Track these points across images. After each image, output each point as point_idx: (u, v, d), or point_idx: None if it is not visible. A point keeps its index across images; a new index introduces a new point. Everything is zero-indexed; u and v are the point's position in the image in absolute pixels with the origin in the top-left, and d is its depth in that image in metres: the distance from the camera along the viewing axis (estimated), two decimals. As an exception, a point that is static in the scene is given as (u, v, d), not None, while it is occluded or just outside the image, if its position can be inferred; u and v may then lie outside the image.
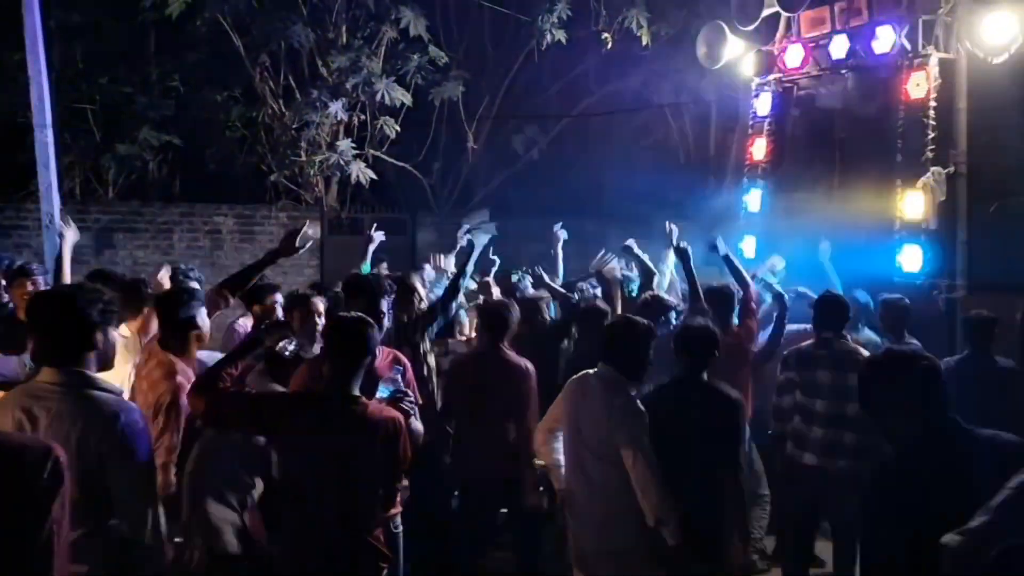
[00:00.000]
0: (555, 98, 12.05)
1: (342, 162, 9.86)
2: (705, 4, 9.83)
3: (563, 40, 10.37)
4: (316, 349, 4.30)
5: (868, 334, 6.18)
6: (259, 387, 3.80)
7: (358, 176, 10.03)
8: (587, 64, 11.49)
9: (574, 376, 4.19)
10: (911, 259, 7.12)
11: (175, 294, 4.31)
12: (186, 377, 3.83)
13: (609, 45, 10.56)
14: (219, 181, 11.24)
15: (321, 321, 4.82)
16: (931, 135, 7.09)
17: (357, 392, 3.37)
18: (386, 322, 4.64)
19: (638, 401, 3.94)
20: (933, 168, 7.07)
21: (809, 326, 5.36)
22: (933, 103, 7.08)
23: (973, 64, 7.03)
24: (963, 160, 7.08)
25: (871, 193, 7.54)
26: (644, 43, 10.45)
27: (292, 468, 3.36)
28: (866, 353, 4.85)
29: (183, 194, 11.38)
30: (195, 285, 5.15)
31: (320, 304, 4.98)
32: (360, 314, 3.63)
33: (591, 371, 4.09)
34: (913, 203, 7.13)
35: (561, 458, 4.18)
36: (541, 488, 4.81)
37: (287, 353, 3.68)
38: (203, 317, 4.10)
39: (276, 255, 4.87)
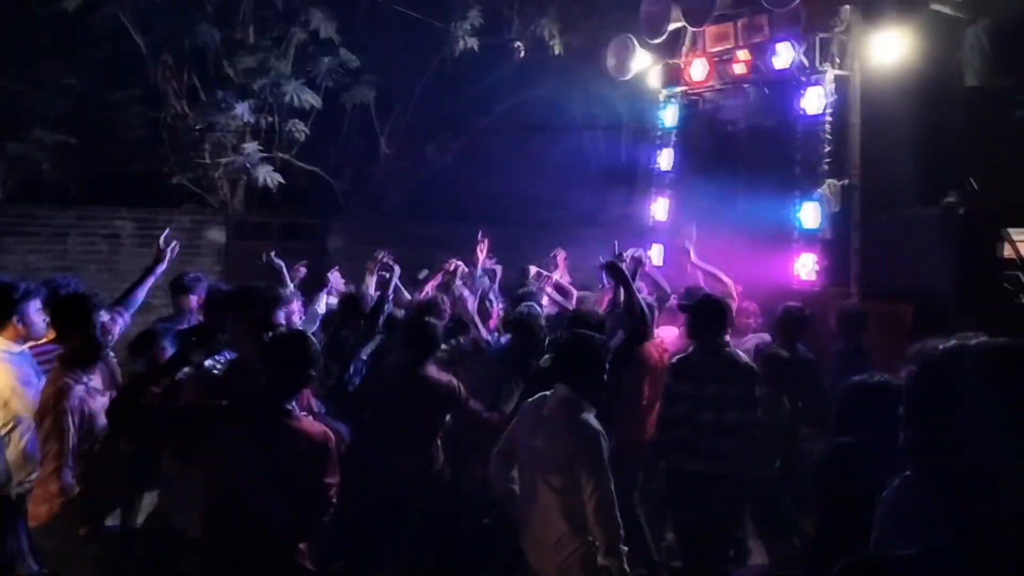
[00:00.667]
0: (468, 104, 12.06)
1: (248, 165, 9.61)
2: (615, 16, 9.99)
3: (476, 48, 10.38)
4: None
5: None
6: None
7: (265, 180, 9.79)
8: (500, 72, 11.54)
9: (530, 399, 4.03)
10: (807, 267, 7.39)
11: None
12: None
13: (522, 54, 10.64)
14: (118, 183, 10.81)
15: None
16: (827, 148, 7.38)
17: (291, 406, 3.33)
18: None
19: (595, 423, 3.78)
20: (829, 180, 7.36)
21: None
22: (829, 117, 7.37)
23: (865, 80, 7.35)
24: (856, 172, 7.38)
25: (771, 203, 7.78)
26: (556, 52, 10.56)
27: (220, 481, 3.27)
28: (746, 359, 4.98)
29: (79, 196, 10.89)
30: None
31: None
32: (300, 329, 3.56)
33: (547, 393, 3.92)
34: (810, 213, 7.40)
35: (516, 487, 4.00)
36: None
37: (215, 371, 3.60)
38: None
39: (151, 269, 4.76)
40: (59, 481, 3.74)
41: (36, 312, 4.29)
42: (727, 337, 5.00)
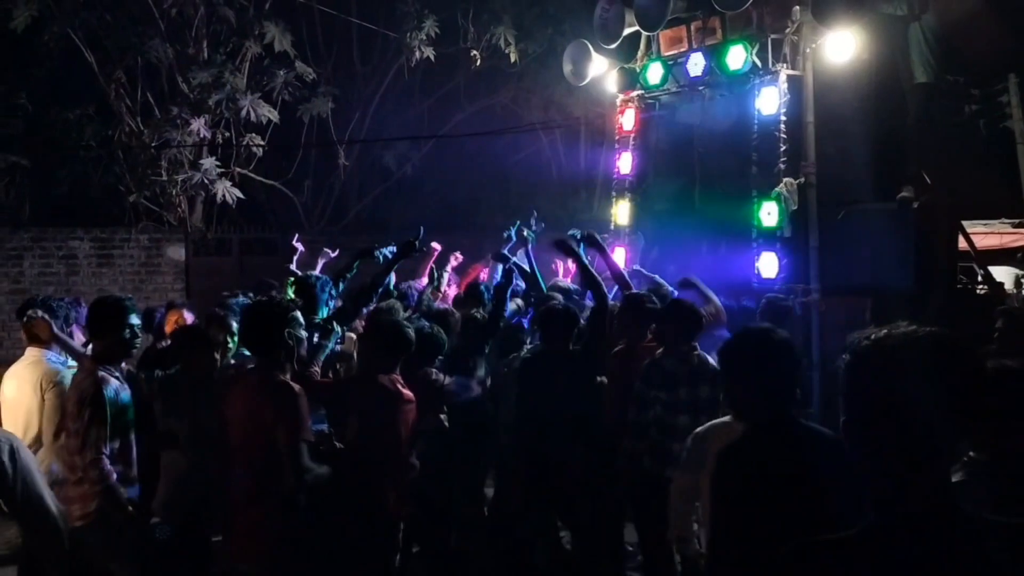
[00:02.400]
0: (426, 114, 12.05)
1: (206, 181, 9.50)
2: (570, 23, 10.06)
3: (432, 57, 10.37)
4: None
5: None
6: None
7: (224, 195, 9.68)
8: (458, 80, 11.55)
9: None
10: (768, 266, 7.46)
11: None
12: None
13: (478, 63, 10.65)
14: (73, 203, 10.64)
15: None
16: (783, 148, 7.46)
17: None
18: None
19: None
20: (785, 179, 7.42)
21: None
22: (783, 117, 7.46)
23: (819, 79, 7.45)
24: (812, 171, 7.45)
25: (730, 204, 7.85)
26: (512, 60, 10.58)
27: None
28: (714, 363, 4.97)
29: (34, 218, 10.70)
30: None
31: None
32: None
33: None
34: (768, 213, 7.47)
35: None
36: None
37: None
38: None
39: None
40: (99, 469, 3.81)
41: None
42: None
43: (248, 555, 3.73)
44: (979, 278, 8.38)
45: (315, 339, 4.60)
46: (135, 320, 4.16)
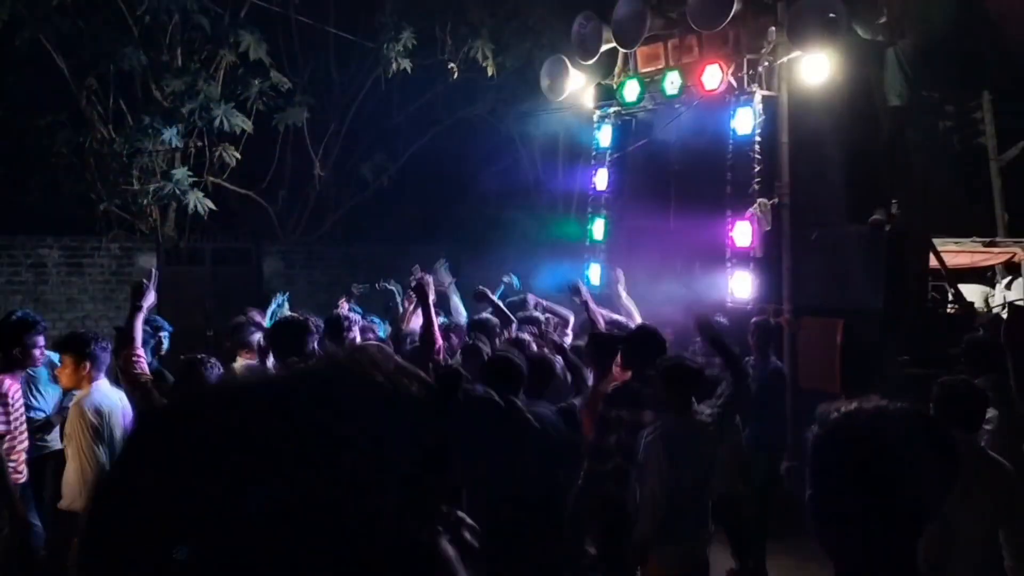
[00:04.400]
0: (403, 125, 11.98)
1: (177, 192, 9.38)
2: (549, 37, 10.06)
3: (409, 69, 10.33)
4: None
5: None
6: None
7: (196, 206, 9.57)
8: (435, 92, 11.52)
9: None
10: (741, 285, 7.49)
11: None
12: None
13: (455, 75, 10.62)
14: (43, 210, 10.46)
15: None
16: (757, 168, 7.50)
17: None
18: None
19: None
20: (759, 199, 7.46)
21: None
22: (758, 138, 7.50)
23: (793, 101, 7.49)
24: (786, 191, 7.49)
25: (704, 223, 7.88)
26: (490, 74, 10.56)
27: None
28: None
29: (2, 225, 10.49)
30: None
31: None
32: None
33: None
34: (742, 232, 7.51)
35: None
36: None
37: None
38: None
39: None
40: None
41: None
42: None
43: None
44: (950, 297, 8.46)
45: None
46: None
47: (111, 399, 4.65)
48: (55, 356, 5.33)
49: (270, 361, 4.88)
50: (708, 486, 4.38)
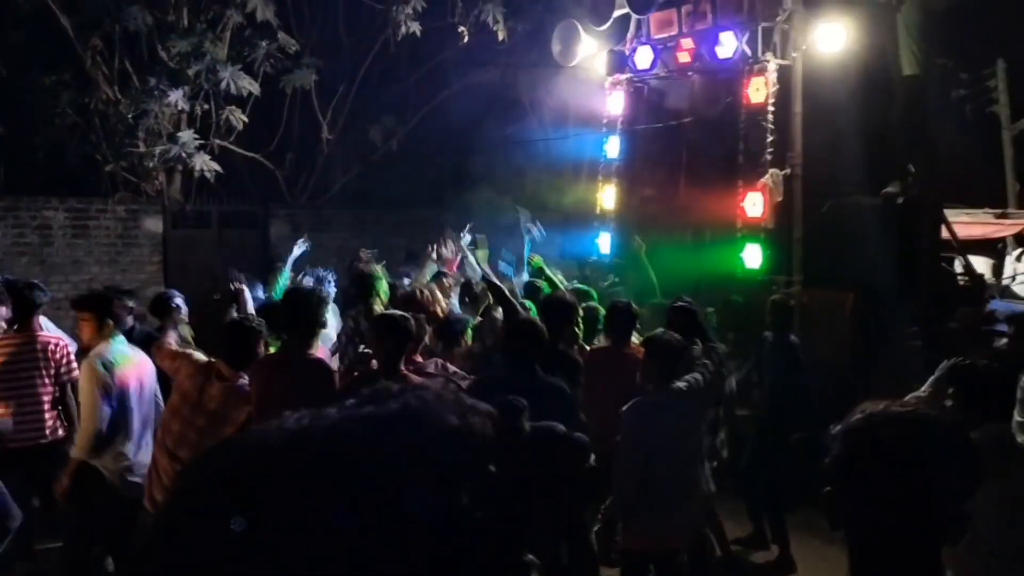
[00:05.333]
0: (413, 88, 11.83)
1: (184, 154, 9.30)
2: (561, 2, 9.89)
3: (417, 32, 10.17)
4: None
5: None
6: None
7: (202, 169, 9.50)
8: (445, 56, 11.35)
9: None
10: (752, 256, 7.43)
11: None
12: None
13: (465, 39, 10.46)
14: (49, 172, 10.39)
15: None
16: (770, 138, 7.40)
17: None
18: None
19: None
20: (771, 169, 7.38)
21: None
22: (771, 107, 7.39)
23: (808, 70, 7.37)
24: (799, 162, 7.41)
25: (716, 193, 7.80)
26: (500, 38, 10.41)
27: None
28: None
29: (7, 186, 10.44)
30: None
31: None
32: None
33: None
34: (753, 203, 7.44)
35: None
36: None
37: None
38: None
39: None
40: None
41: None
42: None
43: None
44: (961, 270, 8.40)
45: None
46: None
47: (124, 353, 4.72)
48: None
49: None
50: (693, 456, 4.36)
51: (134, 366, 4.70)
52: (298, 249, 7.00)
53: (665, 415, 4.13)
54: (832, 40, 7.19)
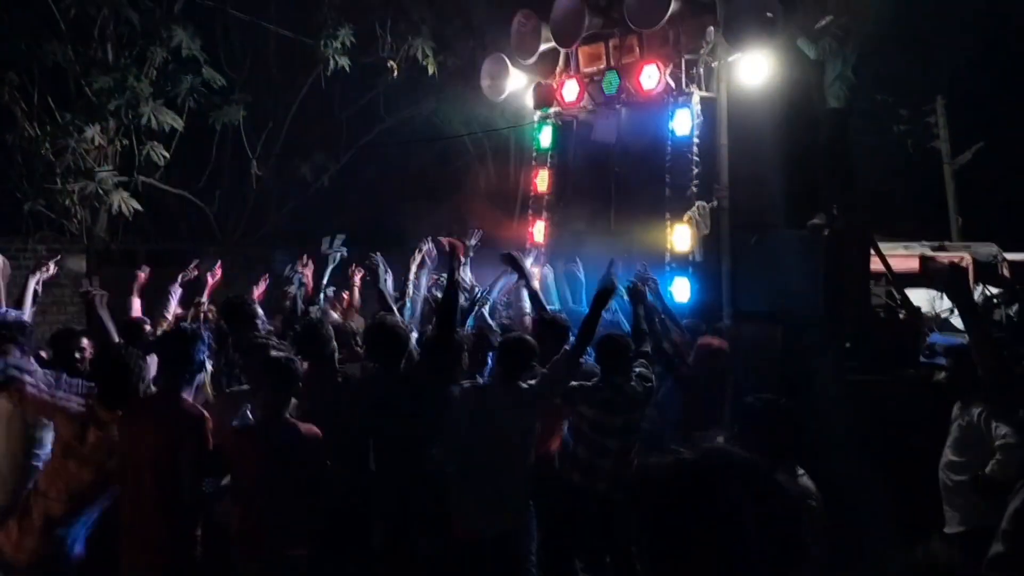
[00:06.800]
0: (345, 124, 11.68)
1: (100, 191, 9.01)
2: (491, 36, 9.83)
3: (347, 67, 10.04)
4: None
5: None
6: None
7: (120, 206, 9.21)
8: (377, 91, 11.23)
9: None
10: (681, 290, 7.30)
11: None
12: None
13: (395, 73, 10.35)
14: (-31, 210, 10.05)
15: None
16: (695, 170, 7.32)
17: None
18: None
19: None
20: (698, 202, 7.29)
21: None
22: (696, 139, 7.32)
23: (732, 102, 7.32)
24: (725, 194, 7.33)
25: (644, 226, 7.69)
26: (430, 72, 10.31)
27: None
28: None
29: (-79, 225, 10.08)
30: None
31: None
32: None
33: None
34: (681, 236, 7.33)
35: None
36: None
37: None
38: None
39: None
40: None
41: None
42: None
43: None
44: (897, 302, 8.35)
45: None
46: None
47: None
48: None
49: None
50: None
51: None
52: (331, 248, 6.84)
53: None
54: (755, 73, 7.17)
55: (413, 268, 6.34)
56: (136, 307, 6.47)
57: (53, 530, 3.83)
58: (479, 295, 6.02)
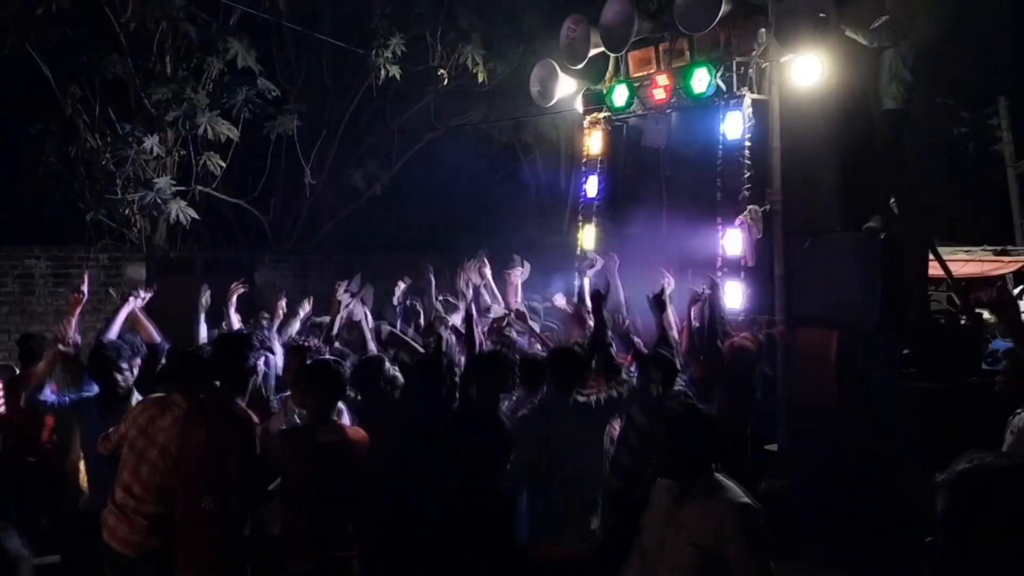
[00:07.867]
0: (397, 132, 11.80)
1: (159, 200, 9.24)
2: (540, 42, 9.84)
3: (398, 76, 10.15)
4: None
5: None
6: None
7: (178, 215, 9.43)
8: (428, 99, 11.33)
9: None
10: (732, 295, 7.19)
11: None
12: None
13: (445, 82, 10.42)
14: (32, 221, 10.38)
15: None
16: (747, 174, 7.21)
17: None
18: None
19: None
20: (750, 206, 7.18)
21: None
22: (748, 142, 7.21)
23: (785, 104, 7.20)
24: (778, 198, 7.20)
25: (695, 230, 7.61)
26: (480, 80, 10.36)
27: None
28: None
29: (-8, 235, 10.45)
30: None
31: None
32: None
33: None
34: (732, 240, 7.23)
35: None
36: None
37: None
38: None
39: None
40: None
41: None
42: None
43: None
44: (958, 307, 8.13)
45: None
46: None
47: None
48: None
49: None
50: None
51: None
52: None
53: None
54: (808, 74, 7.03)
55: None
56: (234, 320, 6.58)
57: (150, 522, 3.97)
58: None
